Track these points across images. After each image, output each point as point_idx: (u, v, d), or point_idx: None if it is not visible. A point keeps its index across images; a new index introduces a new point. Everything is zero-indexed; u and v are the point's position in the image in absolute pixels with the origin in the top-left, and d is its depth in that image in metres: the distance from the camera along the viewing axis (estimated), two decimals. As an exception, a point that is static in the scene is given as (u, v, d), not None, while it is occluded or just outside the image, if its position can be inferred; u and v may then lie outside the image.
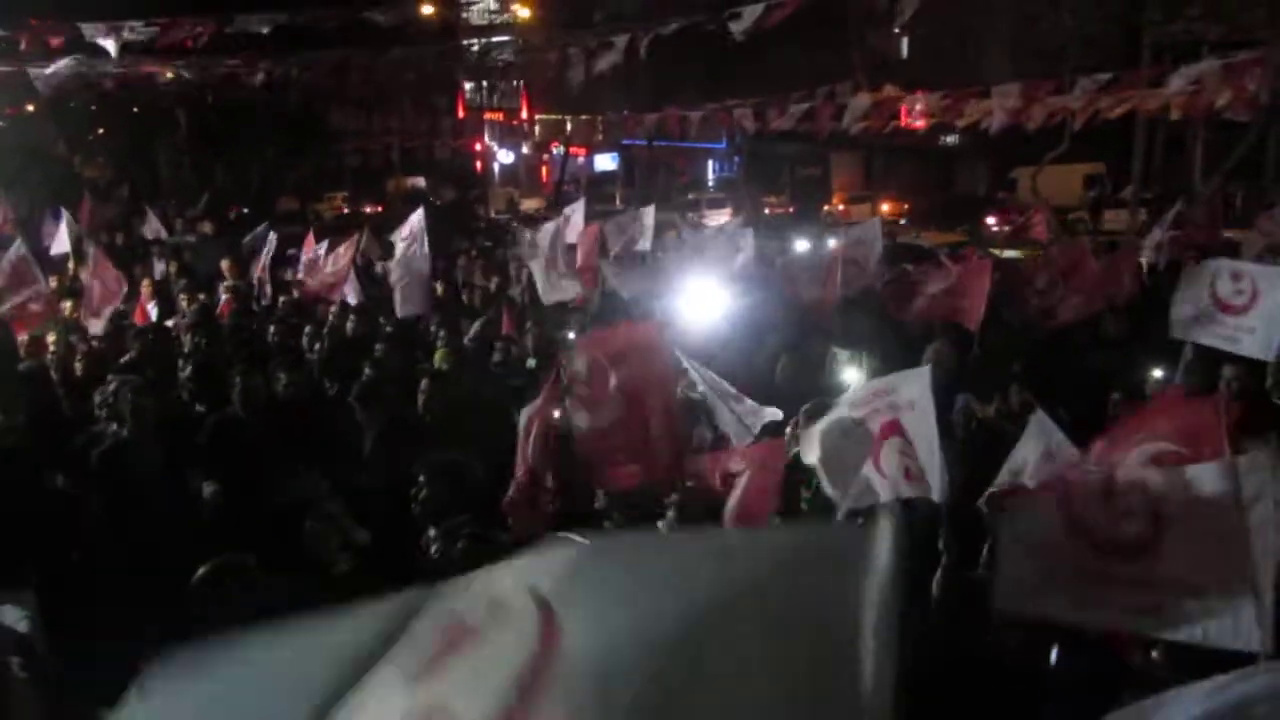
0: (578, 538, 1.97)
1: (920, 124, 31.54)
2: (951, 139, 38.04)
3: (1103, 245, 15.53)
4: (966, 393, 6.80)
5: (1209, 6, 27.75)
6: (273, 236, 13.03)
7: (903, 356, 7.87)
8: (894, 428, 4.77)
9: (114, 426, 6.54)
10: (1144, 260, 12.34)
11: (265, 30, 18.98)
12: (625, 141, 39.33)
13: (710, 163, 45.44)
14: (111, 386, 6.82)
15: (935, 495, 4.30)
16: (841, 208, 34.74)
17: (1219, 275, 7.47)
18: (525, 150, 45.35)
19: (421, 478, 5.02)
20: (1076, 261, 10.08)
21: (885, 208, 33.21)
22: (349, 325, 9.71)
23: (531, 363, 8.63)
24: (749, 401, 6.01)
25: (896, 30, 39.51)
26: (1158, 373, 7.04)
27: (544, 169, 45.67)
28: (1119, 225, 24.55)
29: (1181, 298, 7.75)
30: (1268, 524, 3.39)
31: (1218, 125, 31.95)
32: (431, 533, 4.53)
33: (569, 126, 36.26)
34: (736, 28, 15.80)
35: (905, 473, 4.46)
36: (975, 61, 35.15)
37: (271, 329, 9.72)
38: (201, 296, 11.38)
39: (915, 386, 4.66)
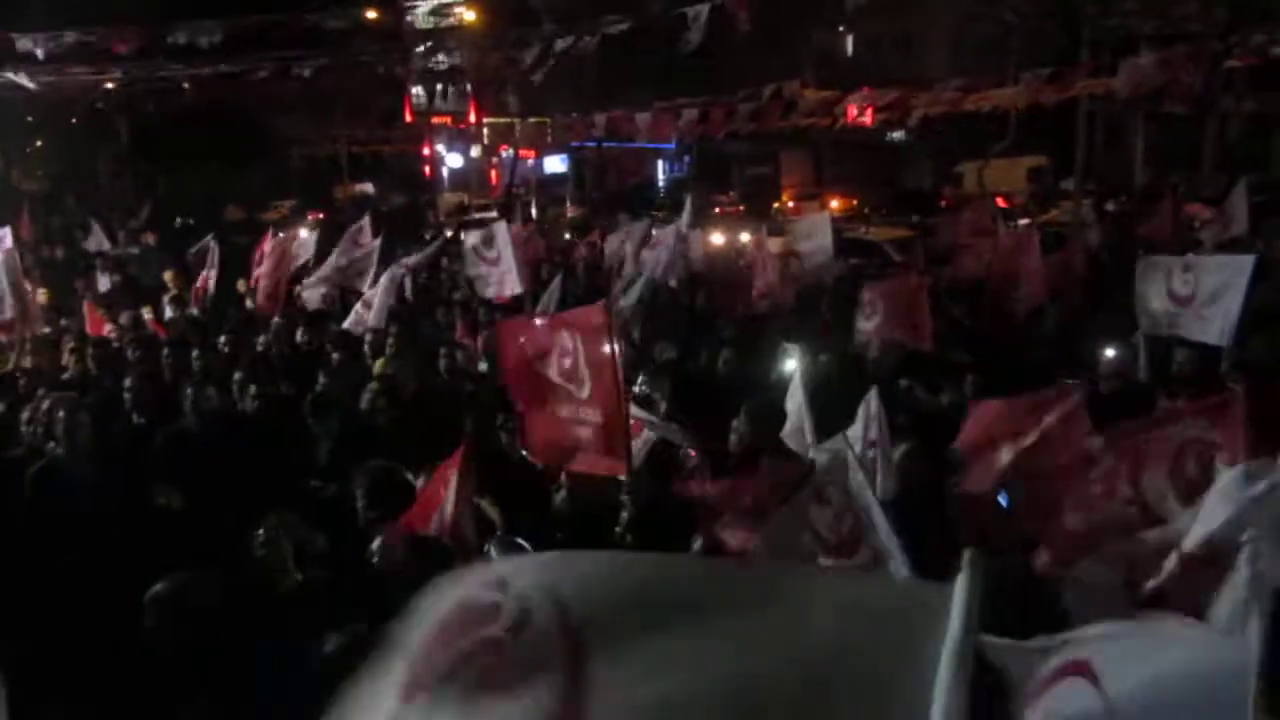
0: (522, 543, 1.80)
1: (867, 120, 31.90)
2: (898, 135, 38.47)
3: (1049, 236, 15.76)
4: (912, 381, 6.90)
5: (1144, 1, 28.28)
6: (214, 246, 12.83)
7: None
8: None
9: (50, 445, 6.40)
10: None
11: (207, 39, 18.73)
12: (575, 144, 39.26)
13: (660, 163, 45.50)
14: (45, 404, 6.67)
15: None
16: (791, 205, 34.95)
17: (1172, 270, 7.75)
18: (474, 154, 45.10)
19: (358, 487, 5.02)
20: (1025, 253, 10.24)
21: (834, 204, 33.48)
22: (299, 334, 9.60)
23: (484, 366, 8.61)
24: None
25: (841, 29, 39.88)
26: (1108, 355, 7.20)
27: (493, 172, 45.47)
28: (1063, 216, 24.97)
29: (1141, 294, 8.00)
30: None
31: (1156, 117, 32.67)
32: (375, 541, 4.52)
33: (518, 129, 36.14)
34: (691, 37, 15.88)
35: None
36: (919, 58, 35.59)
37: (222, 340, 9.59)
38: (141, 309, 11.24)
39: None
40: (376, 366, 8.21)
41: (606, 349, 5.30)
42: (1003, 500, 4.89)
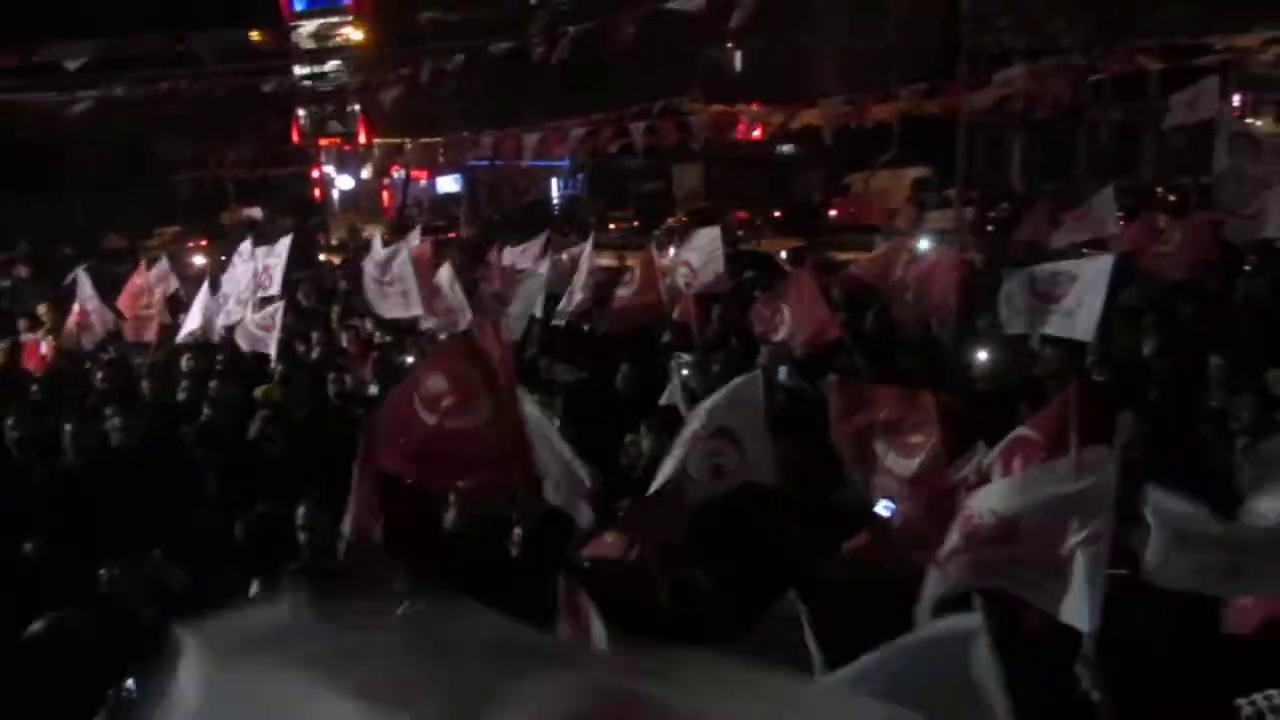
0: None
1: (757, 135, 32.50)
2: (788, 148, 39.26)
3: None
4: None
5: (1016, 18, 29.49)
6: (83, 276, 12.30)
7: (746, 361, 8.14)
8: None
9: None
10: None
11: (76, 62, 18.09)
12: (468, 163, 39.06)
13: (554, 180, 45.55)
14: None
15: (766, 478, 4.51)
16: (685, 219, 35.32)
17: (1035, 270, 8.13)
18: (365, 175, 44.45)
19: (239, 530, 4.95)
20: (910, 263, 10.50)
21: (728, 217, 33.97)
22: (184, 362, 9.35)
23: (373, 390, 8.49)
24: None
25: (730, 46, 40.53)
26: (980, 359, 7.47)
27: (386, 194, 44.86)
28: (946, 224, 25.77)
29: (1005, 295, 8.34)
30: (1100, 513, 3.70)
31: (1033, 127, 34.04)
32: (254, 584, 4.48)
33: (408, 149, 35.80)
34: (560, 53, 15.98)
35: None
36: (806, 74, 36.36)
37: (100, 374, 9.26)
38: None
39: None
40: (261, 393, 8.03)
41: (497, 365, 5.31)
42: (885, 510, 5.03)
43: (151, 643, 1.89)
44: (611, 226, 31.78)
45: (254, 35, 36.70)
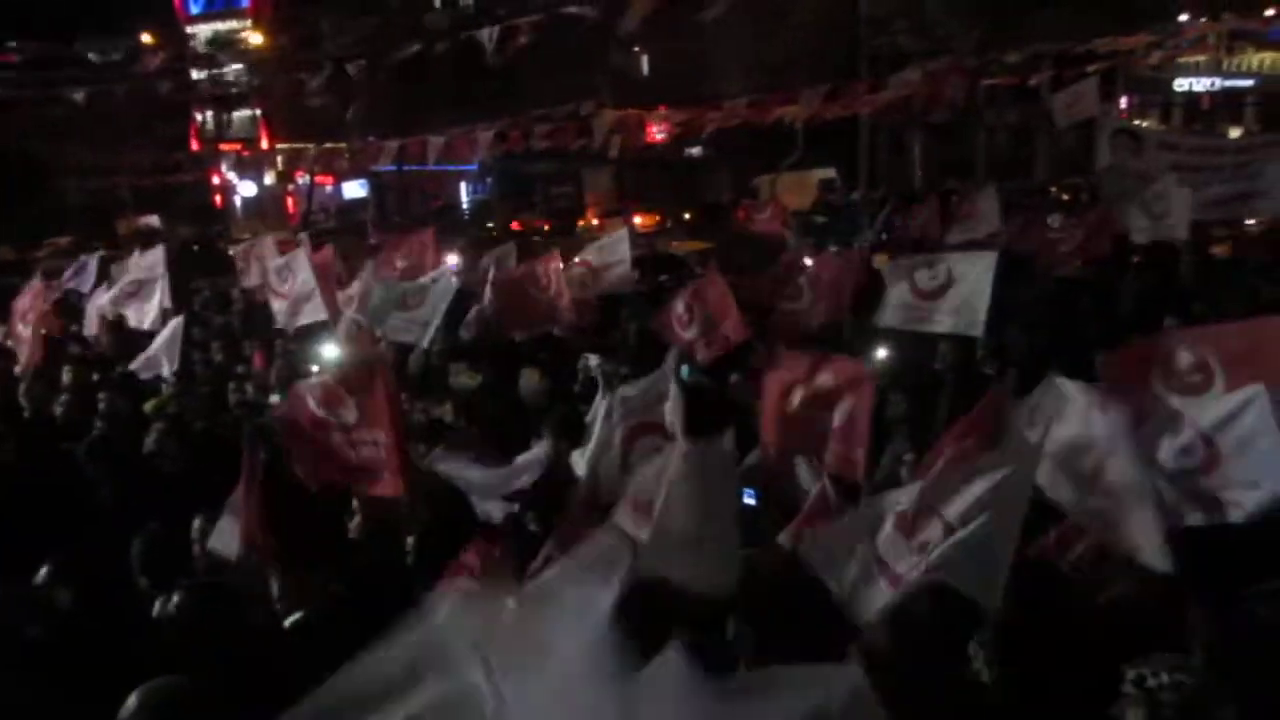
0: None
1: (664, 137, 32.69)
2: (695, 150, 39.57)
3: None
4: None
5: (912, 22, 30.24)
6: None
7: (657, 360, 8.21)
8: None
9: None
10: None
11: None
12: (375, 168, 38.53)
13: (463, 184, 45.18)
14: None
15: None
16: (596, 222, 35.36)
17: (916, 268, 8.31)
18: (269, 181, 43.53)
19: (135, 553, 4.83)
20: (821, 266, 10.63)
21: (639, 220, 34.10)
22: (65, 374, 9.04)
23: (275, 398, 8.33)
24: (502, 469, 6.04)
25: (636, 49, 40.71)
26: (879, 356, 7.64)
27: (290, 200, 43.99)
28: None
29: (891, 291, 8.55)
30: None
31: (933, 129, 34.93)
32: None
33: (312, 154, 35.16)
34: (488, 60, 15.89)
35: None
36: (712, 77, 36.70)
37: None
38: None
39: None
40: (151, 406, 7.82)
41: (377, 370, 5.31)
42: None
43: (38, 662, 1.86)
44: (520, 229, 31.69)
45: (147, 38, 35.69)
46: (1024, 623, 3.84)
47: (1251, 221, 13.55)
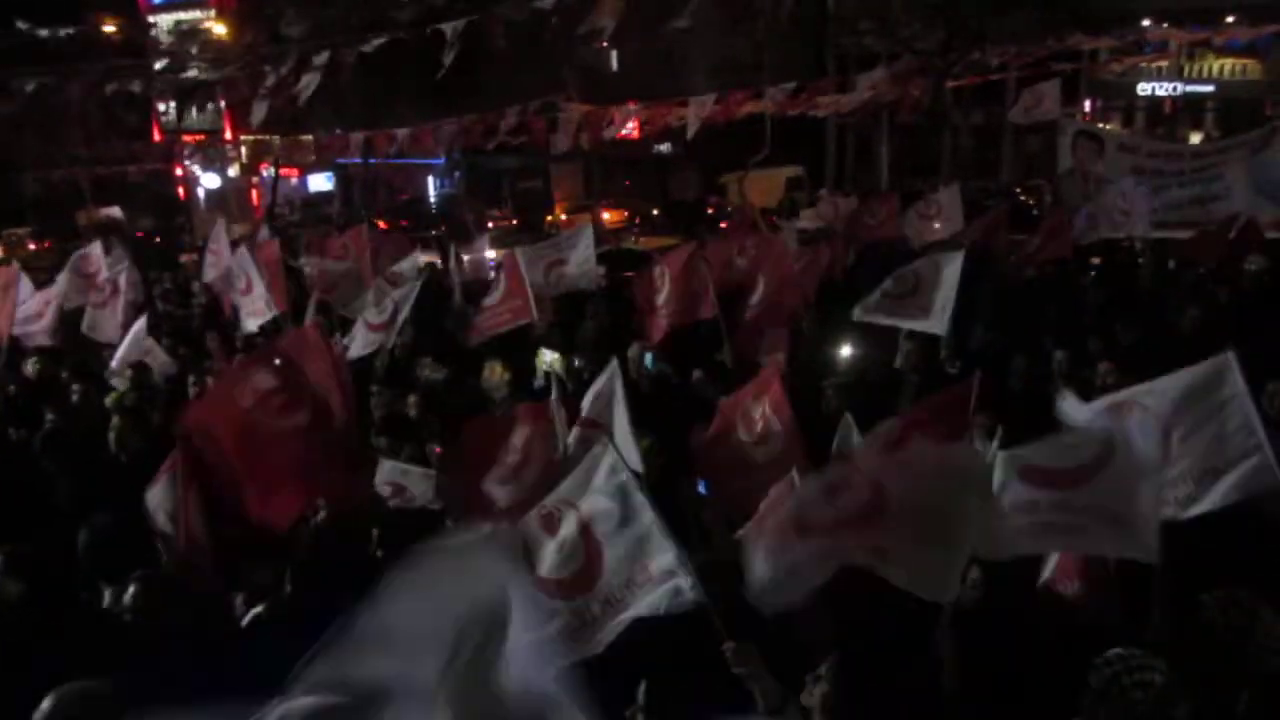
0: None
1: (631, 133, 32.64)
2: (665, 148, 39.57)
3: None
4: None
5: (879, 23, 30.39)
6: None
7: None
8: None
9: None
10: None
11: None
12: (341, 160, 38.16)
13: (430, 179, 44.89)
14: None
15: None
16: (564, 218, 35.29)
17: (889, 264, 8.43)
18: (232, 173, 42.97)
19: (82, 536, 4.77)
20: (776, 259, 10.65)
21: (606, 216, 34.06)
22: (29, 367, 8.91)
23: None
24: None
25: (605, 45, 40.63)
26: (844, 354, 7.68)
27: (254, 192, 43.45)
28: (819, 222, 26.37)
29: (862, 288, 8.63)
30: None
31: (900, 129, 35.15)
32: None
33: (277, 146, 34.79)
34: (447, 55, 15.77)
35: None
36: (681, 74, 36.68)
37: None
38: None
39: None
40: (110, 400, 7.71)
41: (326, 365, 5.27)
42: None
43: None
44: (489, 225, 31.53)
45: (108, 28, 35.19)
46: (990, 618, 3.89)
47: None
